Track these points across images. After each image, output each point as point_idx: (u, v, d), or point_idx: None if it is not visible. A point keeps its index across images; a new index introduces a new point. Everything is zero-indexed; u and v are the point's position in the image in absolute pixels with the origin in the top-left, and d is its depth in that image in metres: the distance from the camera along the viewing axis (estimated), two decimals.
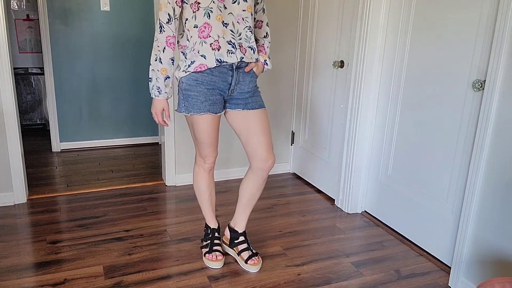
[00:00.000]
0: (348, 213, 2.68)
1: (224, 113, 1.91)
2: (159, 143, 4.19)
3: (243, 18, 1.75)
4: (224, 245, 2.15)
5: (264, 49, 1.93)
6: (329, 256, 2.17)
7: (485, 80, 1.78)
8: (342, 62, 2.64)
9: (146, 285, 1.89)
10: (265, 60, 1.91)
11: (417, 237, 2.28)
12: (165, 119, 1.87)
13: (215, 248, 2.06)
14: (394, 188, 2.41)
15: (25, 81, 4.37)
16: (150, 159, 3.70)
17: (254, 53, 1.83)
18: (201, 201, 2.08)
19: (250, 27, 1.77)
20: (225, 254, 2.11)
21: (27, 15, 4.43)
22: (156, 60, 1.75)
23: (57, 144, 3.87)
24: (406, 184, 2.32)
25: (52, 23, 3.63)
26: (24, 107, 4.43)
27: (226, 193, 2.94)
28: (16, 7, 4.38)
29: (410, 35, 2.21)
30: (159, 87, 1.78)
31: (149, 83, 1.80)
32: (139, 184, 3.08)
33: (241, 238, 2.08)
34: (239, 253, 2.07)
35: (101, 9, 3.74)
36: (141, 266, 2.03)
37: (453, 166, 2.01)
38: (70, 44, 3.74)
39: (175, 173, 3.05)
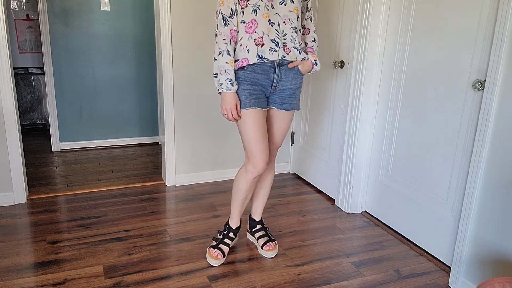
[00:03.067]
0: (348, 213, 2.68)
1: None
2: (159, 143, 4.19)
3: (289, 19, 1.81)
4: (247, 233, 2.31)
5: (314, 51, 1.97)
6: (329, 256, 2.17)
7: (485, 80, 1.78)
8: (342, 62, 2.64)
9: (146, 285, 1.89)
10: (315, 60, 1.93)
11: (417, 237, 2.28)
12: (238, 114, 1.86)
13: (220, 246, 2.09)
14: (394, 188, 2.41)
15: (25, 81, 4.37)
16: (150, 159, 3.70)
17: (300, 53, 1.87)
18: (234, 199, 2.09)
19: (295, 27, 1.83)
20: (226, 255, 2.11)
21: (27, 15, 4.43)
22: (220, 54, 1.77)
23: (57, 144, 3.87)
24: (406, 184, 2.32)
25: (52, 23, 3.63)
26: (24, 107, 4.43)
27: (227, 193, 2.94)
28: (16, 7, 4.38)
29: (410, 35, 2.21)
30: (231, 79, 1.78)
31: (215, 79, 1.81)
32: (139, 184, 3.08)
33: (258, 226, 2.23)
34: (257, 240, 2.21)
35: (101, 9, 3.74)
36: (141, 266, 2.03)
37: (453, 166, 2.01)
38: (70, 44, 3.74)
39: (175, 173, 3.05)
